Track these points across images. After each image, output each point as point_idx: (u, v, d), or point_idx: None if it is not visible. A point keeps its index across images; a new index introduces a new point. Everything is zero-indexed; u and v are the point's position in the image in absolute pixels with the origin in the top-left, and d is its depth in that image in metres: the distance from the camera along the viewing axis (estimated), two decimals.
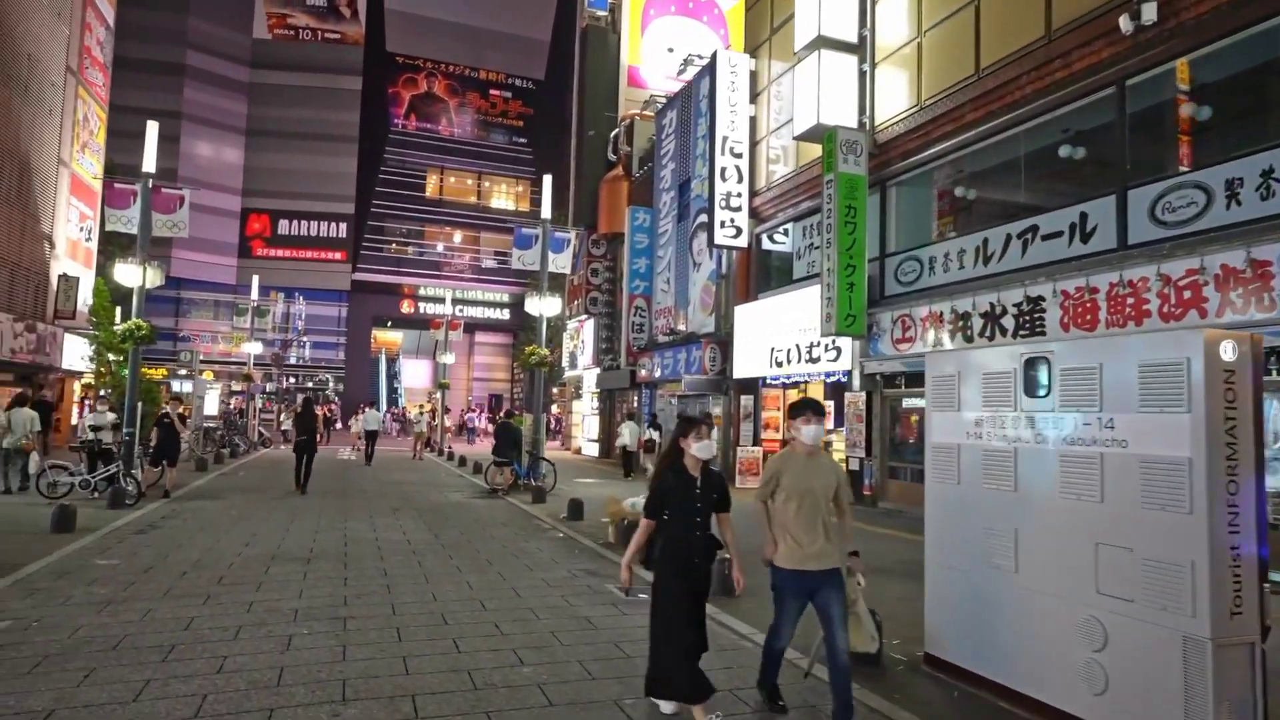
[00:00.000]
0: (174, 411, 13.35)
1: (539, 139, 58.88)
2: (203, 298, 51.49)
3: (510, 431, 15.99)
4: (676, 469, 4.07)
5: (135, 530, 9.68)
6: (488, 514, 12.13)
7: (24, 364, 21.52)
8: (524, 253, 16.31)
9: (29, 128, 22.01)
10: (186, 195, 14.04)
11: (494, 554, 8.65)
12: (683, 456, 4.07)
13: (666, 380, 22.38)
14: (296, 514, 11.42)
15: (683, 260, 22.07)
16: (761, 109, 18.99)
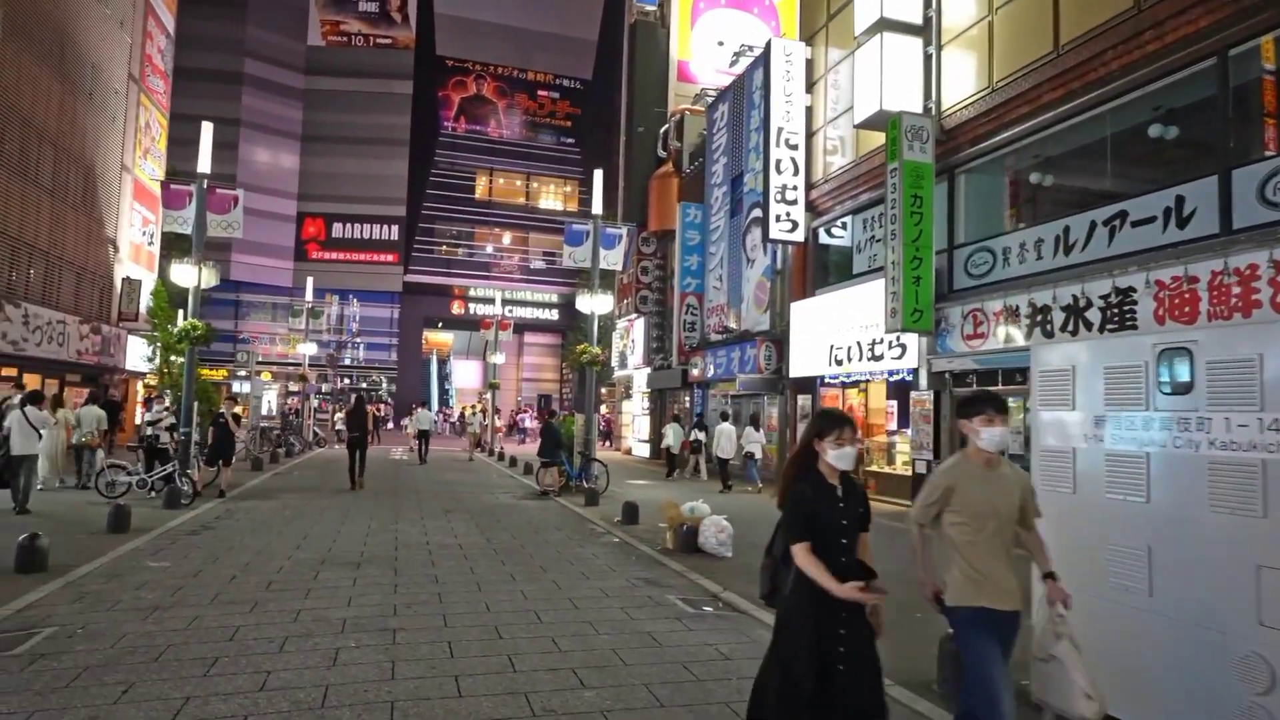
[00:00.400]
0: (229, 411, 13.36)
1: (586, 139, 58.79)
2: (260, 300, 52.68)
3: (553, 431, 15.65)
4: (813, 478, 3.17)
5: (188, 531, 9.59)
6: (540, 517, 11.81)
7: (90, 365, 22.07)
8: (575, 250, 15.98)
9: (93, 135, 22.57)
10: (240, 196, 14.06)
11: (548, 560, 8.29)
12: (816, 461, 3.19)
13: (719, 380, 21.86)
14: (348, 515, 11.26)
15: (735, 257, 21.52)
16: (818, 99, 18.35)
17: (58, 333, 19.84)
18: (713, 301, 23.05)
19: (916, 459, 13.95)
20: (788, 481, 3.25)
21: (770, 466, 19.25)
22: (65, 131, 20.82)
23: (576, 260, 16.06)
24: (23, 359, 18.43)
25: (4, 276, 18.16)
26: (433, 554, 8.42)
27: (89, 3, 21.82)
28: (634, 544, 9.49)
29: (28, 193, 19.00)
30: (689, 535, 8.91)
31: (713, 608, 6.47)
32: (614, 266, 16.49)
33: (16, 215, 18.54)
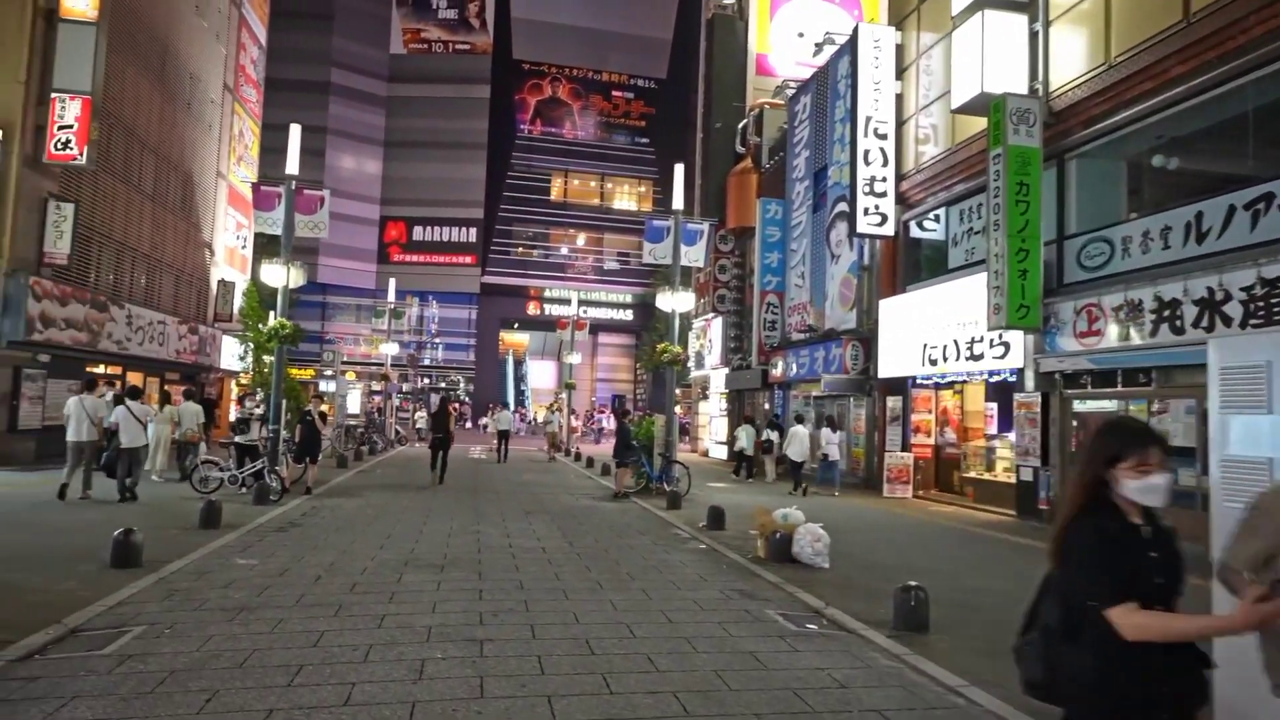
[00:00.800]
0: (316, 410, 13.53)
1: (661, 138, 58.50)
2: (345, 302, 54.37)
3: (626, 432, 15.27)
4: (1111, 518, 2.20)
5: (276, 528, 9.62)
6: (621, 520, 11.47)
7: (187, 364, 22.97)
8: (655, 246, 15.61)
9: (191, 143, 23.49)
10: (326, 196, 14.24)
11: (635, 567, 7.92)
12: (1108, 491, 2.22)
13: (801, 380, 21.14)
14: (430, 515, 11.17)
15: (819, 253, 20.76)
16: (908, 86, 17.48)
17: (158, 333, 20.68)
18: (794, 300, 22.33)
19: (1021, 465, 13.01)
20: (1073, 521, 2.22)
21: (857, 471, 18.47)
22: (166, 140, 21.72)
23: (657, 257, 15.69)
24: (127, 357, 19.26)
25: (110, 279, 19.01)
26: (516, 557, 8.16)
27: (188, 16, 22.73)
28: (723, 551, 9.02)
29: (132, 199, 19.86)
30: (782, 544, 8.40)
31: (817, 626, 5.96)
32: (695, 263, 16.05)
33: (122, 220, 19.40)
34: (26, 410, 15.26)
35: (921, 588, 5.89)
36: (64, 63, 15.57)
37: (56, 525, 9.16)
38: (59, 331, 15.94)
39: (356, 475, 16.97)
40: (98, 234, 18.24)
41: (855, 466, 18.58)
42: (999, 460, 14.76)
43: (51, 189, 15.95)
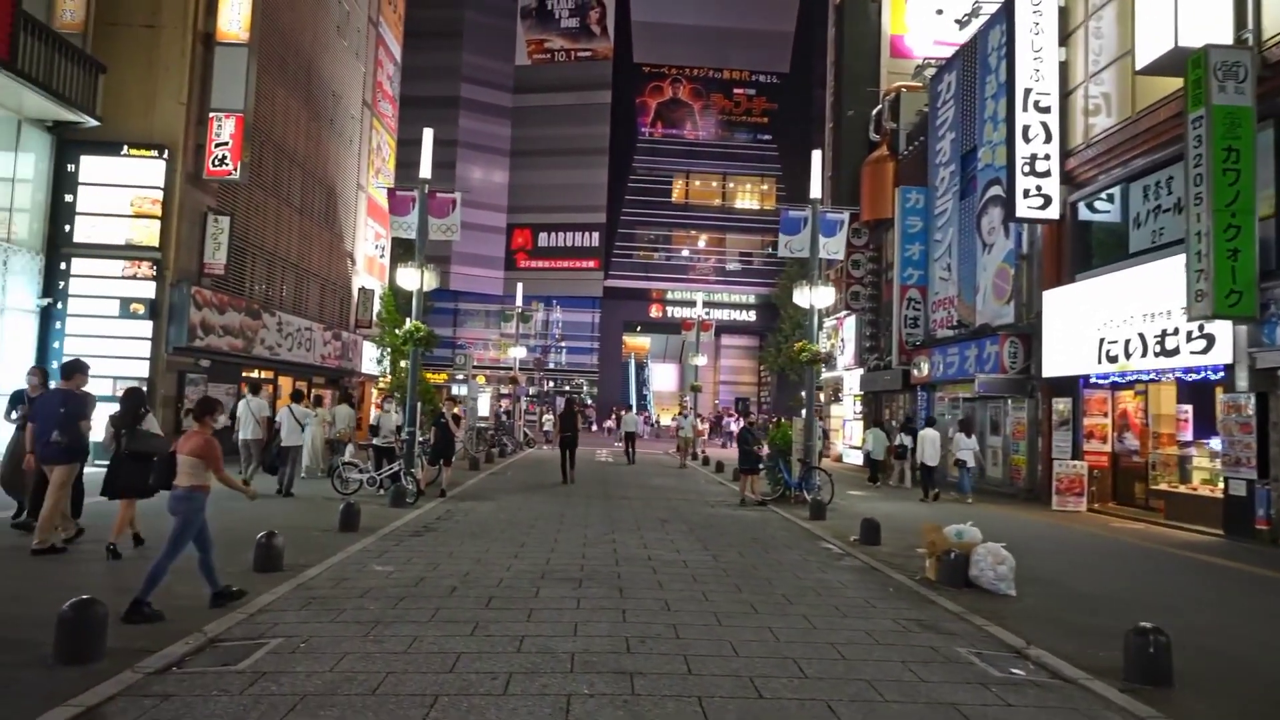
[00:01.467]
0: (449, 413, 13.52)
1: (784, 134, 57.04)
2: (475, 308, 56.16)
3: (749, 437, 14.26)
4: None
5: (412, 532, 9.48)
6: (763, 531, 10.66)
7: (331, 368, 24.00)
8: (791, 238, 14.68)
9: (334, 157, 24.57)
10: (458, 199, 14.25)
11: (789, 587, 7.11)
12: None
13: (948, 380, 19.53)
14: (564, 521, 10.78)
15: (968, 242, 19.12)
16: (1074, 52, 15.72)
17: (305, 338, 21.66)
18: (939, 294, 20.71)
19: (1230, 477, 11.18)
20: None
21: (1017, 480, 16.77)
22: (311, 155, 22.78)
23: (793, 250, 14.75)
24: (277, 362, 20.25)
25: (262, 288, 20.05)
26: (657, 572, 7.55)
27: (331, 36, 23.80)
28: (884, 570, 8.06)
29: (281, 211, 20.90)
30: (957, 565, 7.35)
31: (1023, 671, 4.97)
32: (834, 255, 14.99)
33: (272, 232, 20.43)
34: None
35: (1161, 631, 4.78)
36: (220, 83, 16.45)
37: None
38: (217, 338, 16.84)
39: (488, 478, 16.99)
40: (251, 245, 19.24)
41: (1015, 475, 16.88)
42: (1196, 471, 12.86)
43: (210, 203, 16.89)
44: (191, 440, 5.67)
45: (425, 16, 50.41)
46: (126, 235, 15.42)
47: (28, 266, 14.80)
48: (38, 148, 14.99)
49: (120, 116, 15.43)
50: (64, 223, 15.29)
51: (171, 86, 16.00)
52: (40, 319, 15.09)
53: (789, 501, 13.90)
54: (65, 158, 15.34)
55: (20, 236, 14.78)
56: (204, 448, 5.59)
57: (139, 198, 15.45)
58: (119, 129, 15.43)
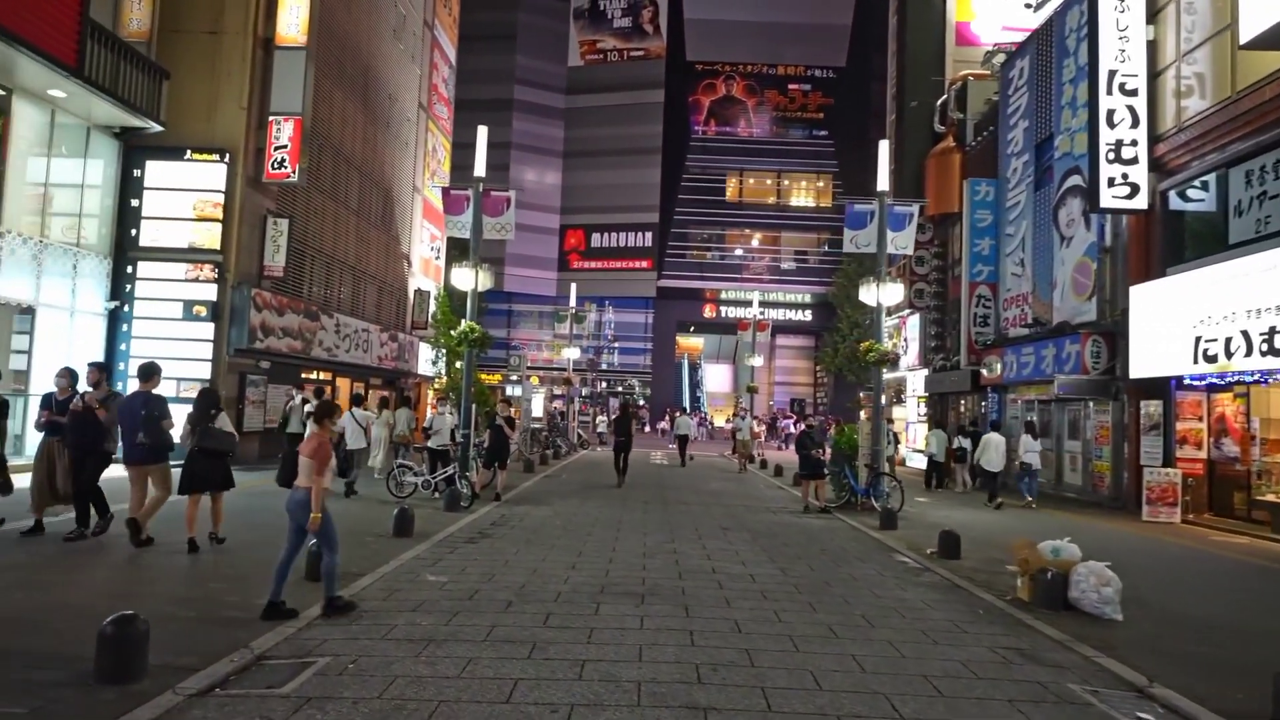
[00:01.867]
0: (503, 414, 13.28)
1: (840, 130, 55.85)
2: (528, 309, 56.40)
3: (805, 442, 13.46)
4: None
5: (466, 538, 9.20)
6: (832, 541, 10.08)
7: (388, 370, 24.13)
8: (857, 233, 14.03)
9: (390, 160, 24.72)
10: (512, 197, 14.01)
11: (867, 606, 6.57)
12: None
13: (1022, 381, 18.53)
14: (621, 528, 10.39)
15: (1044, 236, 18.12)
16: (1163, 30, 14.67)
17: (362, 340, 21.80)
18: (1011, 291, 19.71)
19: None
20: None
21: (1100, 488, 15.77)
22: (368, 158, 22.95)
23: (859, 245, 14.09)
24: (335, 364, 20.39)
25: (322, 290, 20.21)
26: (723, 586, 7.08)
27: (387, 39, 23.95)
28: (968, 588, 7.44)
29: (339, 214, 21.06)
30: (1054, 586, 6.71)
31: (1151, 715, 4.36)
32: (903, 250, 14.27)
33: (330, 234, 20.59)
34: (250, 413, 16.32)
35: None
36: (279, 87, 16.57)
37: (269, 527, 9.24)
38: (277, 340, 16.97)
39: (543, 480, 16.74)
40: (309, 247, 19.40)
41: (1098, 483, 15.86)
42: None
43: (270, 206, 17.04)
44: (311, 443, 5.86)
45: (479, 20, 50.82)
46: (189, 238, 15.63)
47: (96, 270, 15.10)
48: (105, 154, 15.30)
49: (183, 121, 15.66)
50: (130, 227, 15.58)
51: (233, 91, 16.17)
52: (108, 321, 15.39)
53: (855, 509, 13.27)
54: (131, 163, 15.63)
55: (89, 241, 15.10)
56: (315, 450, 5.78)
57: (201, 201, 15.64)
58: (182, 134, 15.65)
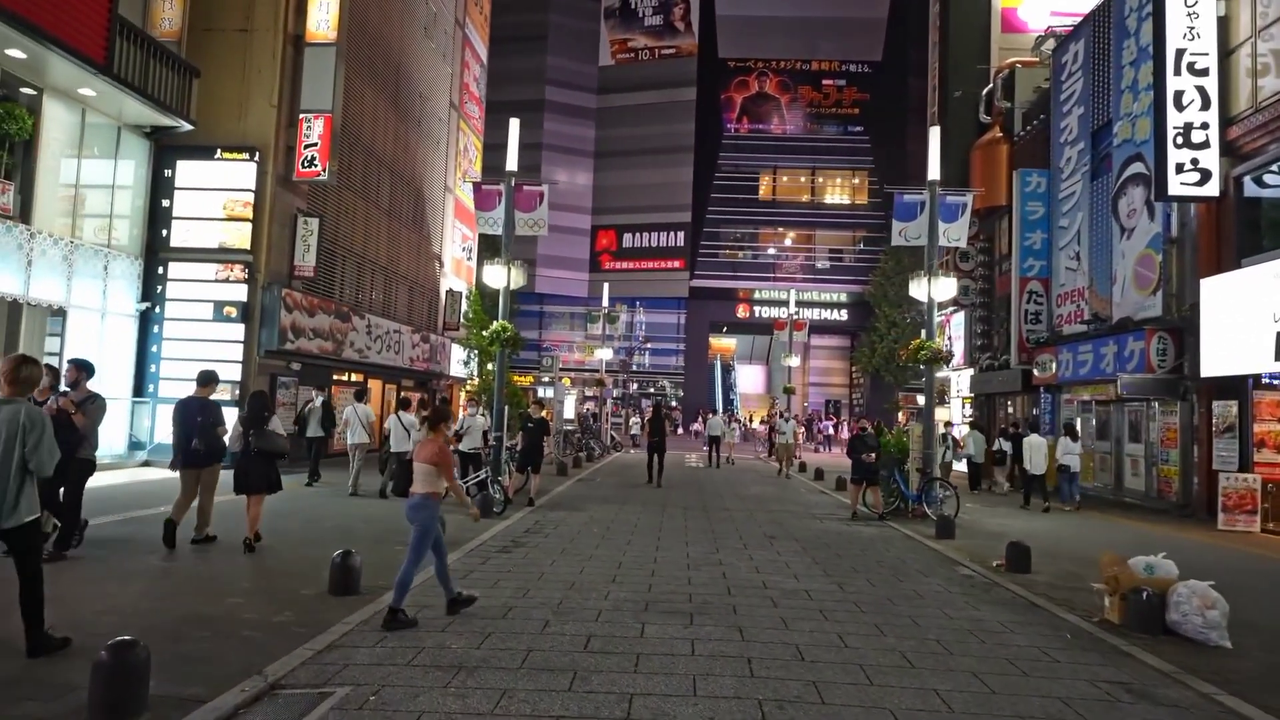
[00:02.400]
0: (535, 416, 12.81)
1: (876, 125, 54.74)
2: (560, 311, 56.13)
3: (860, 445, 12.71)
4: None
5: (499, 547, 8.74)
6: (887, 552, 9.43)
7: (420, 371, 23.86)
8: (906, 225, 13.34)
9: (421, 159, 24.47)
10: (545, 192, 13.56)
11: (940, 629, 5.94)
12: None
13: (1079, 381, 17.62)
14: (662, 537, 9.84)
15: (1102, 228, 17.22)
16: (1235, 6, 13.76)
17: (394, 341, 21.54)
18: (1066, 286, 18.80)
19: None
20: None
21: (1167, 494, 14.85)
22: (399, 157, 22.71)
23: (908, 238, 13.40)
24: (367, 365, 20.13)
25: (353, 290, 19.97)
26: (778, 605, 6.50)
27: (418, 38, 23.70)
28: (1047, 607, 6.76)
29: (370, 214, 20.82)
30: (1151, 607, 6.01)
31: None
32: (955, 243, 13.55)
33: (361, 234, 20.36)
34: (281, 415, 16.00)
35: None
36: (309, 85, 16.33)
37: (294, 538, 8.86)
38: (307, 341, 16.72)
39: (577, 484, 16.26)
40: (340, 247, 19.17)
41: (1165, 488, 14.94)
42: None
43: (300, 205, 16.80)
44: (428, 448, 5.72)
45: (510, 22, 50.81)
46: (219, 238, 15.43)
47: (127, 271, 14.96)
48: (136, 154, 15.15)
49: (214, 120, 15.47)
50: (161, 227, 15.43)
51: (263, 89, 15.96)
52: (139, 323, 15.25)
53: (906, 516, 12.57)
54: (162, 163, 15.48)
55: (120, 242, 14.97)
56: (440, 454, 5.68)
57: (231, 200, 15.44)
58: (212, 133, 15.47)
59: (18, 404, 4.44)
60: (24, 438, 4.35)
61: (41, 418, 4.48)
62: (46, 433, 4.45)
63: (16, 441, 4.34)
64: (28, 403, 4.53)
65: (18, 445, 4.34)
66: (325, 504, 11.21)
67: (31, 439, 4.36)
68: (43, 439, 4.40)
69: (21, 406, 4.44)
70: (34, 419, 4.41)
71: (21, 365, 4.50)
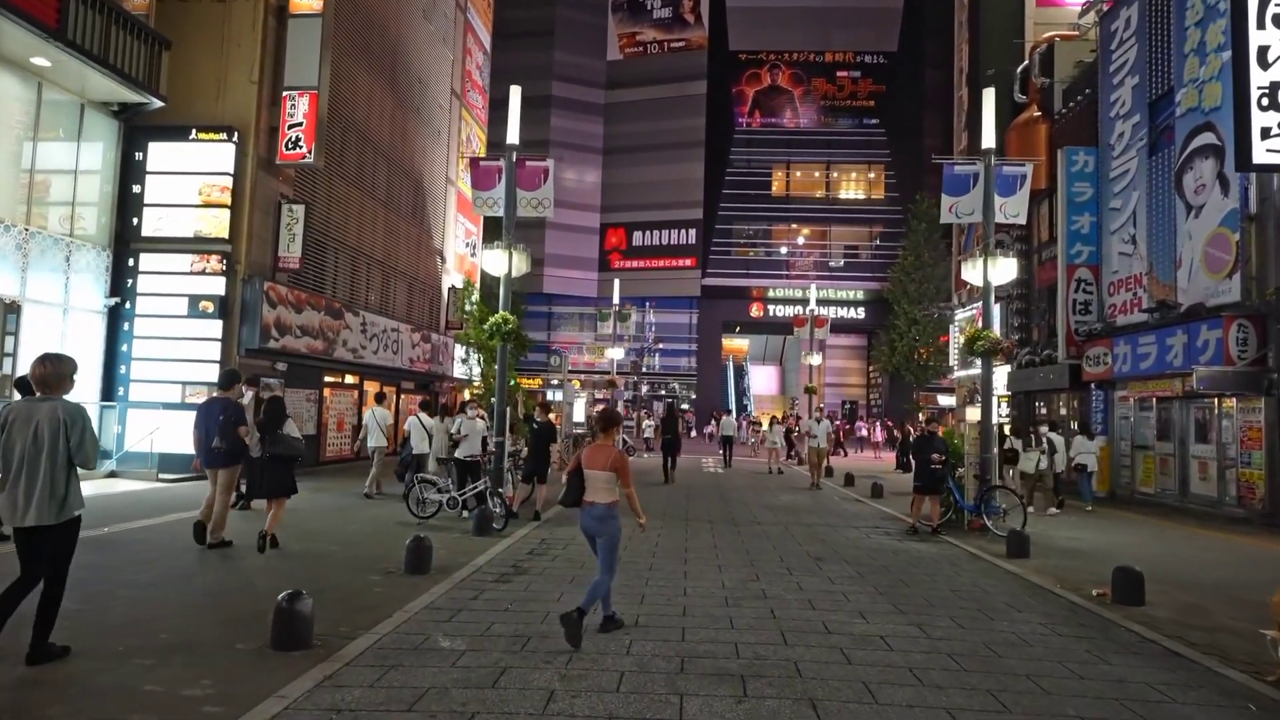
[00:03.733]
0: (541, 419, 11.37)
1: (892, 118, 53.13)
2: (569, 311, 54.73)
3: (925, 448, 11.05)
4: None
5: (497, 575, 7.31)
6: (957, 575, 7.94)
7: (420, 372, 22.48)
8: (957, 200, 11.84)
9: (421, 148, 23.12)
10: (551, 168, 12.15)
11: (1077, 697, 4.45)
12: None
13: (1138, 376, 16.05)
14: (690, 559, 8.38)
15: (1162, 207, 15.67)
16: None
17: (392, 340, 20.17)
18: (1119, 273, 17.24)
19: None
20: None
21: (1251, 500, 13.27)
22: (397, 145, 21.36)
23: (960, 214, 11.91)
24: (362, 366, 18.76)
25: (346, 286, 18.62)
26: (850, 659, 5.02)
27: (416, 20, 22.38)
28: (1196, 659, 5.26)
29: (365, 204, 19.47)
30: None
31: None
32: (1014, 218, 12.00)
33: (355, 226, 19.01)
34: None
35: None
36: (293, 60, 14.99)
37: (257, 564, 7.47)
38: (294, 339, 15.36)
39: None
40: (332, 239, 17.82)
41: (1247, 494, 13.35)
42: None
43: (285, 192, 15.45)
44: (605, 454, 5.41)
45: (517, 18, 49.53)
46: (195, 227, 14.07)
47: (93, 263, 13.63)
48: (104, 135, 13.83)
49: (189, 98, 14.16)
50: (132, 215, 14.09)
51: (242, 64, 14.62)
52: (108, 319, 13.91)
53: (962, 529, 11.07)
54: (133, 145, 14.14)
55: (87, 231, 13.64)
56: (619, 459, 5.40)
57: (208, 185, 14.09)
58: (187, 111, 14.15)
59: (54, 400, 4.50)
60: (66, 433, 4.41)
61: (80, 411, 4.52)
62: (88, 426, 4.53)
63: (60, 437, 4.39)
64: (62, 399, 4.54)
65: (61, 440, 4.39)
66: (331, 511, 9.83)
67: (75, 434, 4.43)
68: (85, 432, 4.47)
69: (58, 403, 4.48)
70: (72, 414, 4.47)
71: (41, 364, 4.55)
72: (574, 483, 5.42)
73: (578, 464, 5.45)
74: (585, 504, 5.38)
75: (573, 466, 5.51)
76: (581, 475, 5.38)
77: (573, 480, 5.43)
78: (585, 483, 5.36)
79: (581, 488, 5.39)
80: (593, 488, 5.34)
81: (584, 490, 5.37)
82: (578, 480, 5.40)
